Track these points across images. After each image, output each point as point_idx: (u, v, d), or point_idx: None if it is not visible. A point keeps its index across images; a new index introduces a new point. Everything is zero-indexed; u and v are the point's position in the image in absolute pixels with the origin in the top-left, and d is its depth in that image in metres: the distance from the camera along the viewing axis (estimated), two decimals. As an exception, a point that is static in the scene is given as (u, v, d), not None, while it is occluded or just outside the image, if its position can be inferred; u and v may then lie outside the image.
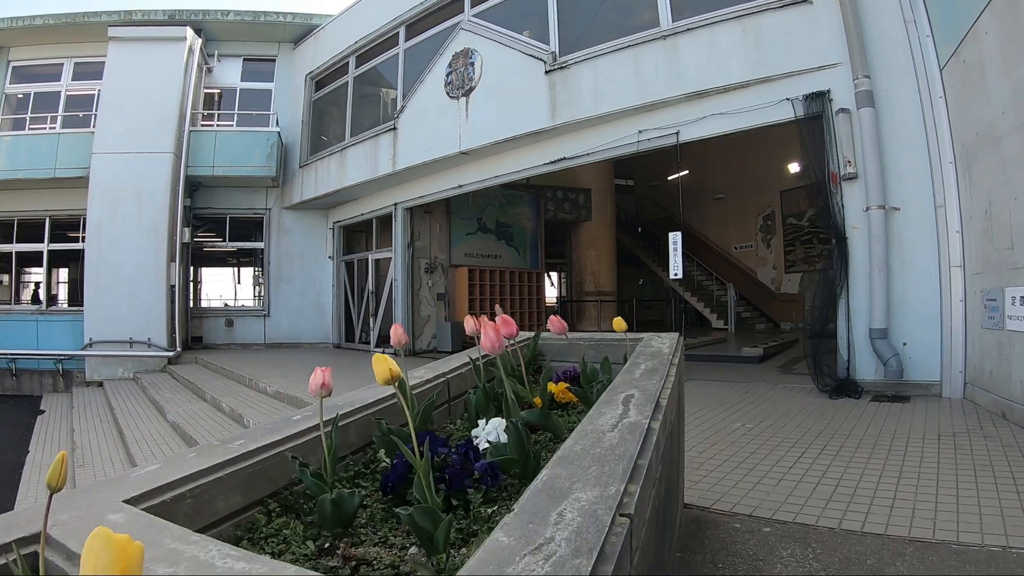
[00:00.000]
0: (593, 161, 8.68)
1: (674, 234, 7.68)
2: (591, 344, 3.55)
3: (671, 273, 7.62)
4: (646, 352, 2.83)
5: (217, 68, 15.36)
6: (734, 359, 9.13)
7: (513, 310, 13.54)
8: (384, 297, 12.52)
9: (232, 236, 15.07)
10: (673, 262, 7.63)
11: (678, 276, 7.60)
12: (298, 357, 12.22)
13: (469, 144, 9.90)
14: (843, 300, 6.62)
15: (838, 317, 6.67)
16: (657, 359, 2.60)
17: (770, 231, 17.23)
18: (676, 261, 7.62)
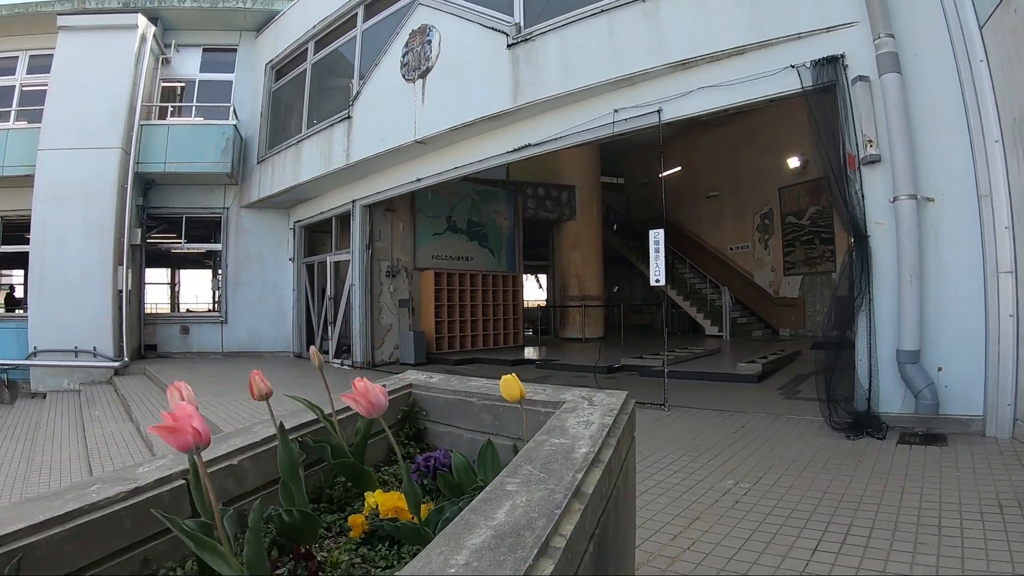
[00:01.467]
0: (562, 147, 7.19)
1: (656, 232, 6.20)
2: (487, 405, 2.18)
3: (652, 278, 6.14)
4: (544, 452, 1.36)
5: (176, 59, 13.94)
6: (728, 378, 7.63)
7: (486, 316, 12.07)
8: (343, 303, 11.06)
9: (189, 237, 13.63)
10: (654, 265, 6.15)
11: (660, 282, 6.11)
12: (249, 367, 10.69)
13: (424, 131, 8.44)
14: (864, 314, 5.12)
15: (857, 335, 5.16)
16: (558, 471, 1.15)
17: (768, 231, 15.71)
18: (658, 264, 6.14)
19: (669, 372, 7.98)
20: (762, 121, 15.68)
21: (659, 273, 6.08)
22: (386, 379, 2.30)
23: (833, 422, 5.15)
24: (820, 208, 14.36)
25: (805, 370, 8.42)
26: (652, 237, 6.14)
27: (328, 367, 10.90)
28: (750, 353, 10.60)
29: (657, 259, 6.08)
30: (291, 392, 2.37)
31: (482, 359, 10.68)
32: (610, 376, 8.49)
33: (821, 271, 14.41)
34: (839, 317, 5.27)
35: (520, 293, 12.96)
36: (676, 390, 7.01)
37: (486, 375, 9.27)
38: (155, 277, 20.82)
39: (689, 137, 18.04)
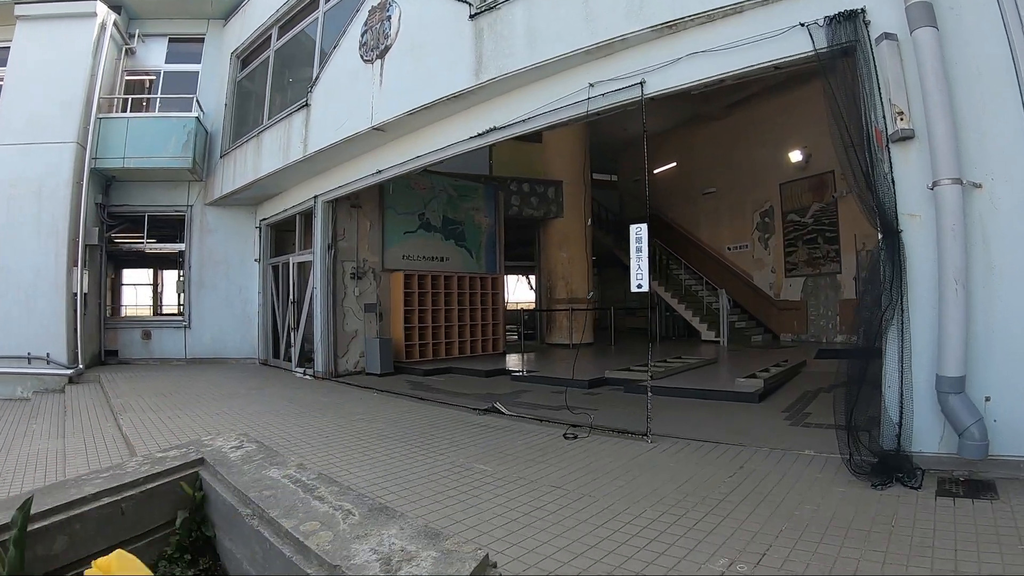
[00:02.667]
0: (531, 130, 6.05)
1: (637, 227, 5.05)
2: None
3: (634, 283, 4.99)
4: None
5: (141, 50, 12.87)
6: (725, 396, 6.47)
7: (463, 322, 10.92)
8: (306, 307, 9.93)
9: (154, 236, 12.55)
10: (636, 267, 4.99)
11: (642, 288, 4.95)
12: (209, 377, 9.69)
13: (381, 117, 7.33)
14: (894, 330, 3.96)
15: (886, 356, 4.00)
16: None
17: (768, 229, 14.52)
18: (641, 265, 4.98)
19: (658, 388, 6.88)
20: (762, 113, 14.52)
21: (642, 277, 4.93)
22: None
23: (854, 464, 3.98)
24: (824, 205, 13.17)
25: (812, 385, 7.26)
26: (633, 233, 4.99)
27: (290, 376, 9.80)
28: (750, 363, 9.44)
29: (640, 259, 4.92)
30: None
31: (456, 369, 9.54)
32: (590, 392, 7.35)
33: (825, 272, 13.22)
34: (860, 333, 4.10)
35: (500, 296, 11.81)
36: (665, 412, 5.86)
37: (458, 387, 8.04)
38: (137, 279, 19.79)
39: (684, 131, 16.88)
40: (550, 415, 5.97)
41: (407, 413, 6.55)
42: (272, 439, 5.38)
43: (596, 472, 4.19)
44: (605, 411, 6.10)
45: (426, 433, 5.53)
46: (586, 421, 5.32)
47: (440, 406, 6.85)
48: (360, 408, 6.93)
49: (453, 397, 7.40)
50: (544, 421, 5.63)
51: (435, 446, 5.02)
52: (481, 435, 5.38)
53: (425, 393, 7.75)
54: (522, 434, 5.34)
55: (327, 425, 5.99)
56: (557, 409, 6.28)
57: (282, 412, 6.72)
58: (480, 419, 6.08)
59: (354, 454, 4.81)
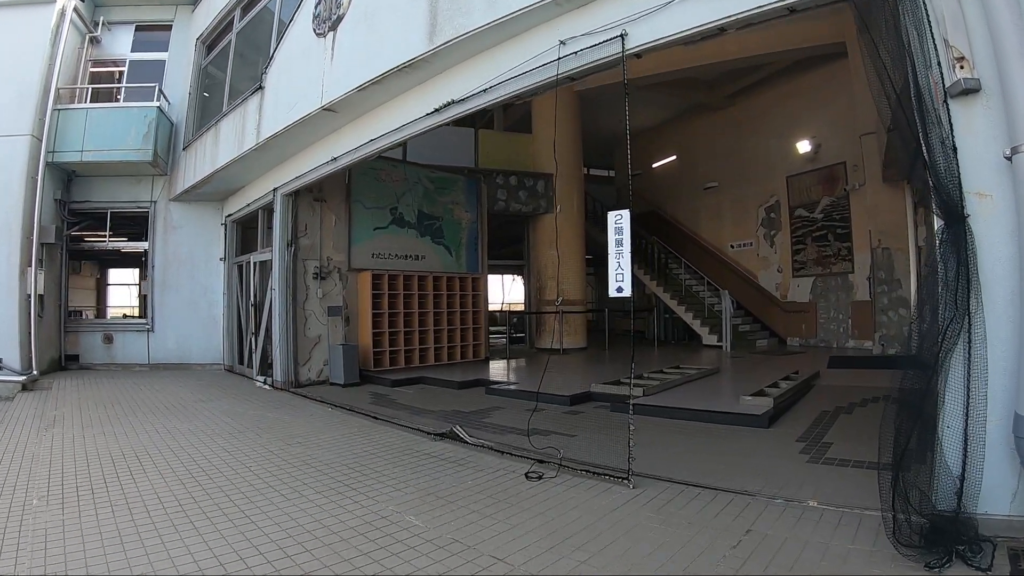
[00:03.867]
0: (494, 102, 4.95)
1: (617, 214, 3.94)
2: None
3: (612, 286, 3.88)
4: None
5: (107, 38, 11.87)
6: (728, 419, 5.33)
7: (439, 326, 9.81)
8: (266, 310, 8.88)
9: (118, 235, 11.56)
10: (615, 265, 3.87)
11: (623, 292, 3.85)
12: (163, 386, 8.70)
13: (332, 95, 6.27)
14: (958, 352, 2.83)
15: (946, 386, 2.88)
16: None
17: (774, 226, 13.35)
18: (621, 263, 3.87)
19: (651, 408, 5.79)
20: (767, 102, 13.36)
21: (622, 278, 3.83)
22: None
23: (899, 534, 2.86)
24: (835, 199, 11.99)
25: (828, 402, 6.12)
26: (612, 222, 3.89)
27: (250, 386, 8.77)
28: (756, 374, 8.31)
29: (620, 256, 3.82)
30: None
31: (428, 379, 8.46)
32: (571, 411, 6.24)
33: (836, 272, 12.04)
34: (916, 351, 2.98)
35: (483, 298, 10.68)
36: (656, 441, 4.77)
37: (425, 402, 6.63)
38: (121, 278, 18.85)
39: (684, 123, 15.74)
40: (517, 443, 4.88)
41: (354, 436, 5.47)
42: (186, 466, 4.41)
43: (557, 534, 3.10)
44: (584, 437, 5.00)
45: (364, 465, 4.46)
46: (555, 455, 4.22)
47: (394, 427, 5.77)
48: (304, 428, 5.87)
49: (413, 415, 6.33)
50: (507, 453, 4.54)
51: (368, 484, 3.95)
52: (428, 469, 4.30)
53: (384, 409, 6.69)
54: (477, 470, 4.25)
55: (256, 450, 4.95)
56: (535, 434, 5.18)
57: (217, 431, 5.70)
58: (434, 446, 5.00)
59: (264, 494, 3.74)
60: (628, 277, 3.77)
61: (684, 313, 13.44)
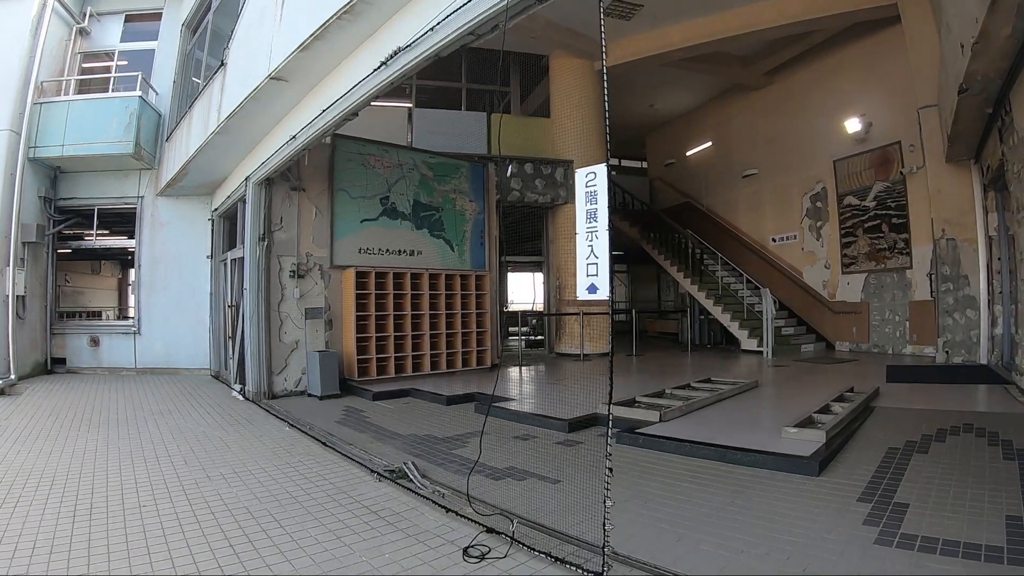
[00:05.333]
0: (444, 44, 3.74)
1: (589, 171, 2.70)
2: None
3: (581, 285, 2.64)
4: None
5: (96, 29, 11.24)
6: (764, 460, 3.93)
7: (437, 330, 8.63)
8: (243, 313, 7.91)
9: (122, 233, 10.91)
10: (587, 251, 2.62)
11: (597, 292, 2.61)
12: (136, 393, 7.95)
13: (277, 59, 5.21)
14: None
15: None
16: None
17: (820, 216, 11.74)
18: (596, 249, 2.60)
19: (665, 441, 4.51)
20: (808, 78, 11.81)
21: (597, 270, 2.59)
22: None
23: None
24: (889, 184, 10.36)
25: (895, 432, 4.69)
26: (582, 185, 2.66)
27: (224, 395, 7.85)
28: (803, 391, 6.88)
29: (593, 238, 2.59)
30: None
31: (416, 391, 7.29)
32: (568, 440, 4.97)
33: (892, 268, 10.40)
34: None
35: (489, 298, 9.37)
36: (661, 492, 3.52)
37: (399, 421, 5.50)
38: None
39: (718, 106, 14.24)
40: (479, 490, 3.70)
41: (290, 468, 4.40)
42: (61, 494, 3.55)
43: None
44: (569, 486, 3.76)
45: (269, 514, 3.41)
46: (512, 521, 3.00)
47: (342, 459, 4.66)
48: (242, 455, 4.85)
49: (375, 441, 5.20)
50: (452, 511, 3.34)
51: (260, 550, 2.85)
52: (345, 528, 3.18)
53: (347, 432, 5.59)
54: (407, 535, 3.08)
55: (162, 484, 4.08)
56: (500, 479, 4.00)
57: (145, 453, 4.88)
58: (374, 491, 3.86)
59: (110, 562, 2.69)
60: (606, 268, 2.53)
61: (721, 314, 11.95)
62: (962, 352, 8.63)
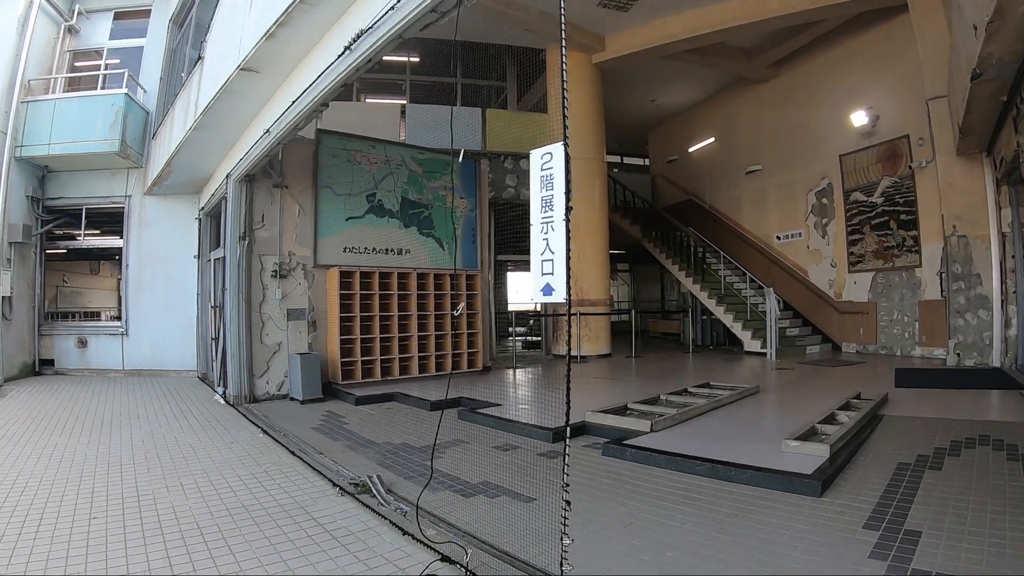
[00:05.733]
0: (408, 22, 3.43)
1: (544, 152, 2.39)
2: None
3: (535, 287, 2.33)
4: None
5: (85, 27, 11.04)
6: (761, 477, 3.58)
7: (426, 331, 8.32)
8: (224, 314, 7.65)
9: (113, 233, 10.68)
10: (541, 245, 2.31)
11: (553, 296, 2.30)
12: (115, 396, 7.71)
13: (245, 49, 4.95)
14: None
15: None
16: None
17: (826, 213, 11.34)
18: (551, 243, 2.28)
19: (654, 454, 4.18)
20: (814, 69, 11.41)
21: (553, 267, 2.26)
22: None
23: None
24: (897, 179, 9.95)
25: (905, 446, 4.32)
26: (536, 165, 2.36)
27: (207, 398, 7.60)
28: (806, 397, 6.52)
29: (548, 229, 2.27)
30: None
31: (401, 395, 6.99)
32: (551, 451, 4.65)
33: (900, 266, 9.99)
34: None
35: (482, 298, 8.98)
36: (644, 517, 3.20)
37: (379, 427, 5.36)
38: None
39: (722, 100, 13.85)
40: (446, 507, 3.40)
41: (253, 480, 4.13)
42: (15, 510, 3.28)
43: None
44: (543, 503, 3.44)
45: (219, 530, 3.21)
46: (466, 552, 2.69)
47: (308, 469, 4.38)
48: (207, 463, 4.61)
49: (348, 450, 4.93)
50: (409, 535, 3.04)
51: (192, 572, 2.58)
52: (294, 549, 2.92)
53: (321, 439, 5.31)
54: (356, 559, 2.80)
55: (118, 493, 3.89)
56: (471, 495, 3.70)
57: (111, 461, 4.64)
58: (334, 507, 3.57)
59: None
60: (563, 266, 2.21)
61: (724, 315, 11.57)
62: (974, 354, 8.22)
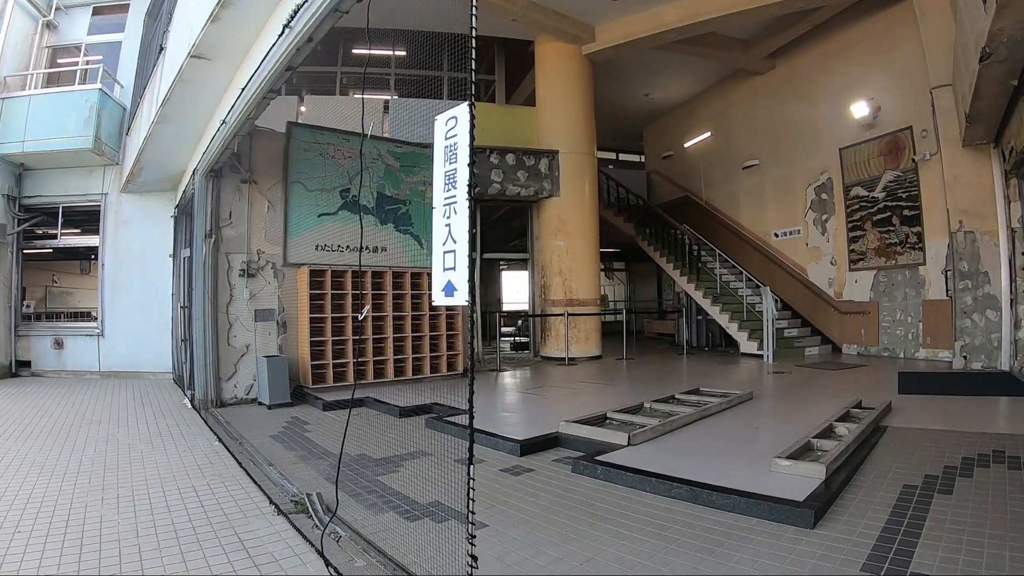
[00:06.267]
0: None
1: (449, 117, 2.02)
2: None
3: (437, 280, 1.99)
4: None
5: (64, 22, 10.77)
6: (746, 504, 3.16)
7: (403, 332, 7.96)
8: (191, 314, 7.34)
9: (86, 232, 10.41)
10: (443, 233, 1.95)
11: (456, 298, 1.94)
12: (91, 398, 7.48)
13: (194, 35, 4.63)
14: None
15: None
16: None
17: (826, 209, 10.92)
18: (453, 229, 1.91)
19: (628, 474, 3.78)
20: (812, 60, 11.01)
21: (455, 260, 1.91)
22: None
23: None
24: (900, 173, 9.52)
25: (910, 463, 3.88)
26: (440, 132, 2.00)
27: (178, 402, 7.30)
28: (802, 403, 6.12)
29: (451, 212, 1.92)
30: None
31: (372, 400, 6.64)
32: (517, 467, 4.28)
33: (903, 264, 9.57)
34: None
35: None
36: (604, 552, 2.82)
37: (354, 431, 4.79)
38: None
39: (719, 93, 13.45)
40: (387, 531, 3.06)
41: (191, 493, 3.84)
42: None
43: None
44: (495, 531, 3.09)
45: (138, 552, 2.96)
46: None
47: (251, 484, 4.05)
48: (154, 473, 4.36)
49: (301, 460, 4.62)
50: (333, 567, 2.69)
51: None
52: None
53: (279, 447, 5.01)
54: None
55: (55, 505, 3.56)
56: (417, 519, 3.35)
57: (58, 469, 4.38)
58: (266, 528, 3.25)
59: None
60: (465, 259, 1.85)
61: (719, 315, 11.16)
62: (981, 357, 7.76)
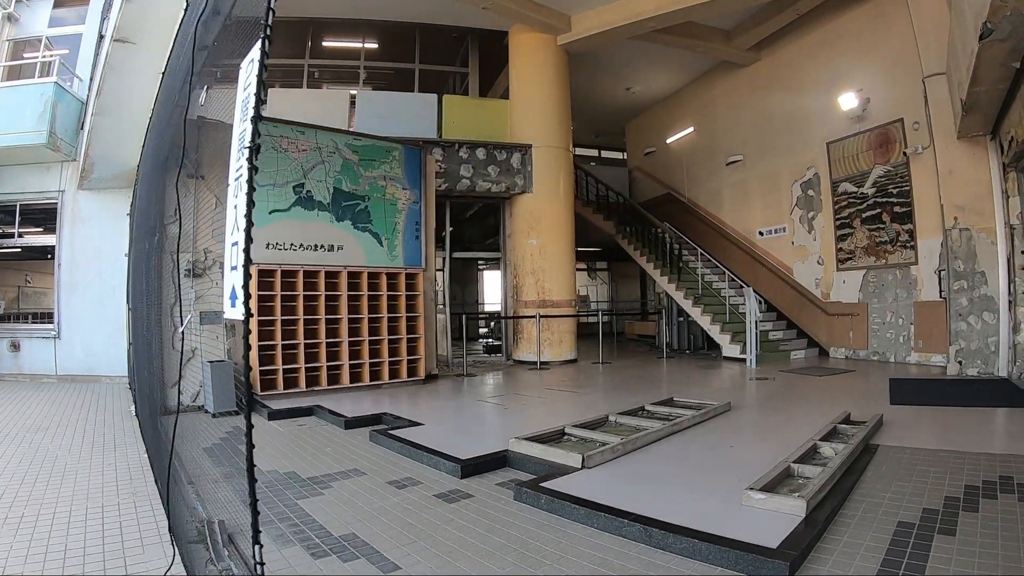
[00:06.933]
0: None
1: (248, 60, 1.63)
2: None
3: (227, 291, 1.61)
4: None
5: (26, 15, 10.41)
6: (709, 552, 2.57)
7: (359, 336, 7.54)
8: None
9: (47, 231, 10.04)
10: (232, 222, 1.58)
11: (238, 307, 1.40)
12: (38, 403, 7.13)
13: (115, 16, 4.33)
14: None
15: None
16: None
17: (812, 206, 10.51)
18: (239, 214, 1.88)
19: (577, 507, 3.17)
20: (798, 51, 10.62)
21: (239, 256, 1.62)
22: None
23: None
24: (890, 168, 9.12)
25: (905, 493, 3.35)
26: (241, 82, 1.67)
27: (125, 409, 6.94)
28: (784, 416, 5.61)
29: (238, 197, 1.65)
30: None
31: (322, 409, 6.24)
32: (454, 491, 3.83)
33: (893, 264, 9.16)
34: None
35: (421, 300, 7.96)
36: None
37: (280, 449, 4.21)
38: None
39: (702, 87, 13.06)
40: (290, 568, 2.67)
41: (94, 516, 3.55)
42: None
43: None
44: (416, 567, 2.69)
45: None
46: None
47: (159, 507, 3.68)
48: (64, 491, 4.07)
49: (223, 479, 4.23)
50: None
51: None
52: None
53: (207, 462, 4.67)
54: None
55: None
56: (323, 555, 2.95)
57: None
58: (158, 560, 2.89)
59: None
60: (241, 254, 1.48)
61: (701, 316, 10.76)
62: (978, 362, 7.30)
